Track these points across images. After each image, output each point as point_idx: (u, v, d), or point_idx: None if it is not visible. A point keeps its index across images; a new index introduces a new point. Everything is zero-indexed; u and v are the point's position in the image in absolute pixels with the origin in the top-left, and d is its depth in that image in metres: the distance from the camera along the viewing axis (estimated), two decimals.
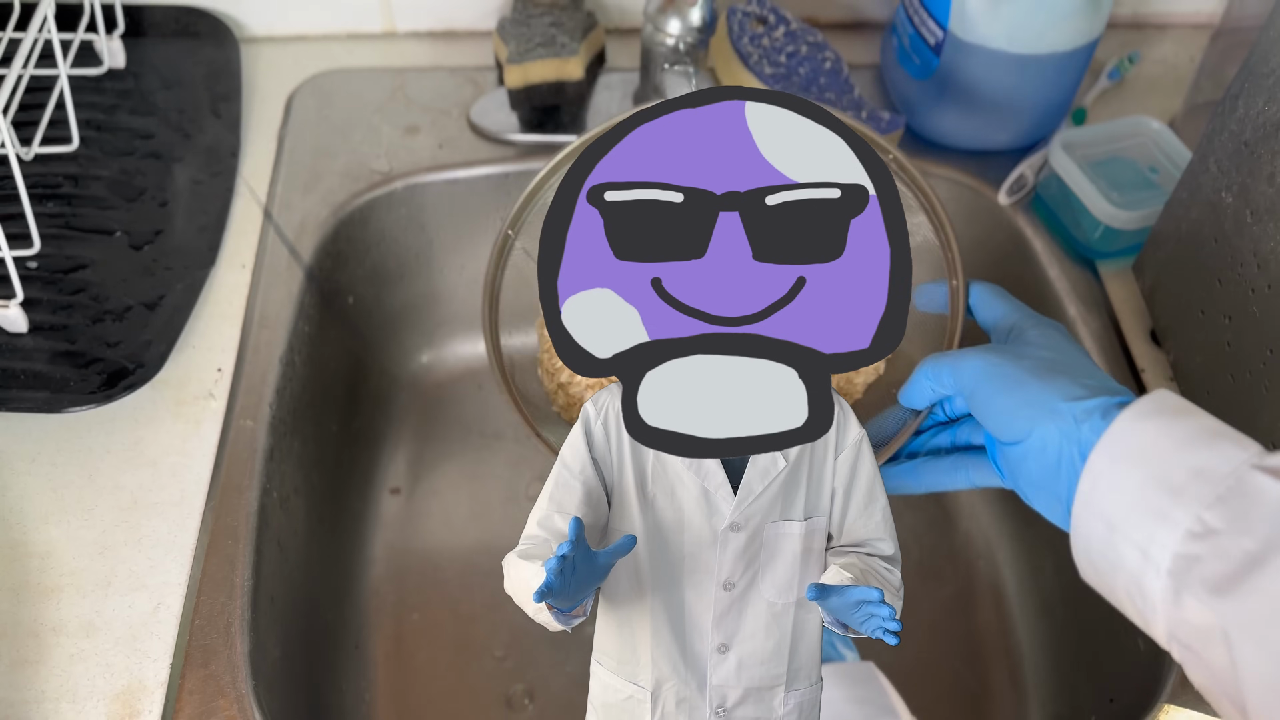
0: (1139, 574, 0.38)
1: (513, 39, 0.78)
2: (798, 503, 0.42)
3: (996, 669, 0.75)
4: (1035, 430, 0.42)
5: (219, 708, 0.54)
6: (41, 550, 0.59)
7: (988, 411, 0.44)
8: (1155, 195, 0.73)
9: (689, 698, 0.42)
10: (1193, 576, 0.36)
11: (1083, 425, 0.41)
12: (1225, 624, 0.35)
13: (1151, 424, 0.39)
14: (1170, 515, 0.37)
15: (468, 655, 0.74)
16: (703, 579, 0.41)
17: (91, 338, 0.64)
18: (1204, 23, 0.92)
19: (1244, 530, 0.35)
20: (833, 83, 0.79)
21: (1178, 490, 0.37)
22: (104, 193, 0.71)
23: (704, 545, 0.41)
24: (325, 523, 0.73)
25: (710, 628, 0.42)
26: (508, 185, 0.80)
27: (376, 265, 0.80)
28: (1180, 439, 0.38)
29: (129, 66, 0.79)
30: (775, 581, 0.42)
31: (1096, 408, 0.41)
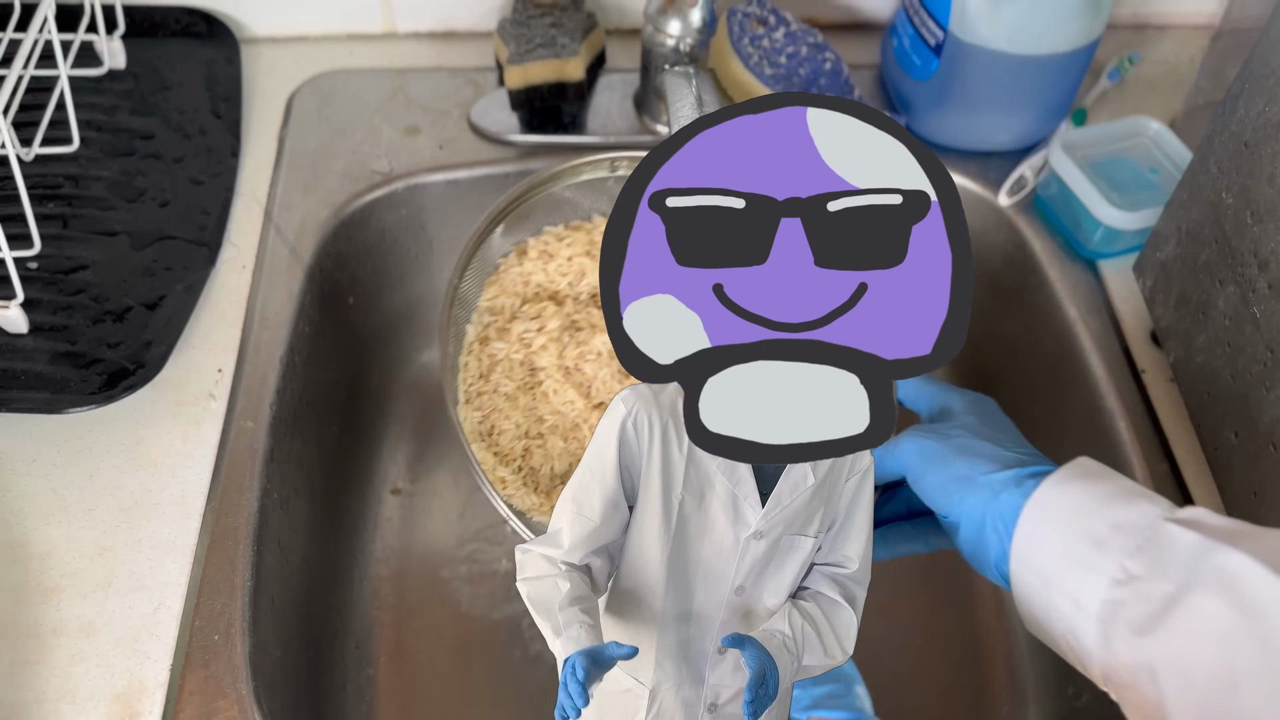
0: (1073, 621, 0.42)
1: (513, 39, 0.78)
2: (816, 518, 0.42)
3: (996, 669, 0.75)
4: (960, 504, 0.47)
5: (219, 708, 0.54)
6: (42, 551, 0.59)
7: (923, 488, 0.49)
8: (1155, 196, 0.73)
9: (685, 694, 0.43)
10: (1119, 620, 0.41)
11: (1000, 496, 0.45)
12: (1151, 661, 0.39)
13: (1075, 486, 0.44)
14: (1096, 565, 0.42)
15: (468, 655, 0.74)
16: (717, 583, 0.42)
17: (92, 338, 0.64)
18: (1204, 23, 0.92)
19: (1161, 575, 0.40)
20: (833, 83, 0.79)
21: (1101, 542, 0.42)
22: (104, 193, 0.71)
23: (724, 551, 0.42)
24: (325, 523, 0.73)
25: (716, 630, 0.43)
26: (508, 186, 0.79)
27: (376, 265, 0.80)
28: (1101, 497, 0.43)
29: (129, 67, 0.79)
30: (776, 588, 0.43)
31: (1011, 479, 0.46)
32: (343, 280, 0.77)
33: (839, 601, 0.43)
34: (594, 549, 0.42)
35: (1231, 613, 0.38)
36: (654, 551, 0.42)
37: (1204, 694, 0.38)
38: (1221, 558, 0.39)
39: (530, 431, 0.62)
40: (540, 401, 0.63)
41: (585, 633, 0.39)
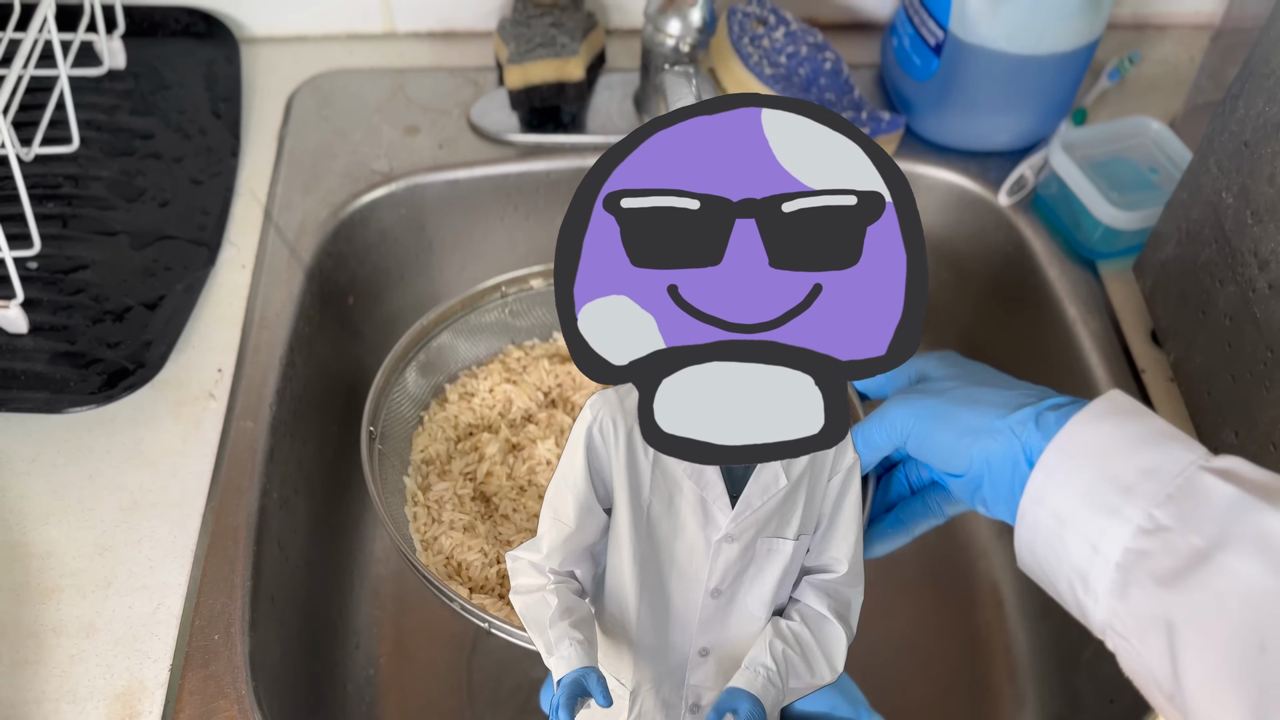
0: (1085, 566, 0.40)
1: (513, 39, 0.78)
2: (793, 520, 0.42)
3: (996, 669, 0.75)
4: (980, 453, 0.44)
5: (219, 708, 0.54)
6: (41, 551, 0.59)
7: (929, 450, 0.45)
8: (1155, 196, 0.73)
9: (666, 696, 0.43)
10: (1141, 570, 0.38)
11: (1021, 434, 0.43)
12: (1170, 615, 0.37)
13: (1105, 424, 0.41)
14: (1121, 511, 0.39)
15: (468, 655, 0.74)
16: (691, 585, 0.42)
17: (92, 338, 0.64)
18: (1204, 23, 0.92)
19: (1192, 528, 0.38)
20: (833, 83, 0.79)
21: (1129, 488, 0.39)
22: (104, 193, 0.71)
23: (697, 554, 0.42)
24: (325, 523, 0.73)
25: (695, 632, 0.43)
26: (508, 185, 0.80)
27: (376, 265, 0.80)
28: (1131, 439, 0.40)
29: (129, 67, 0.79)
30: (760, 595, 0.43)
31: (1029, 417, 0.43)
32: (342, 280, 0.77)
33: (828, 618, 0.43)
34: (573, 552, 0.42)
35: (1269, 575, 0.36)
36: (627, 554, 0.42)
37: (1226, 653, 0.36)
38: (1261, 517, 0.37)
39: (499, 557, 0.60)
40: (501, 524, 0.62)
41: (576, 651, 0.39)
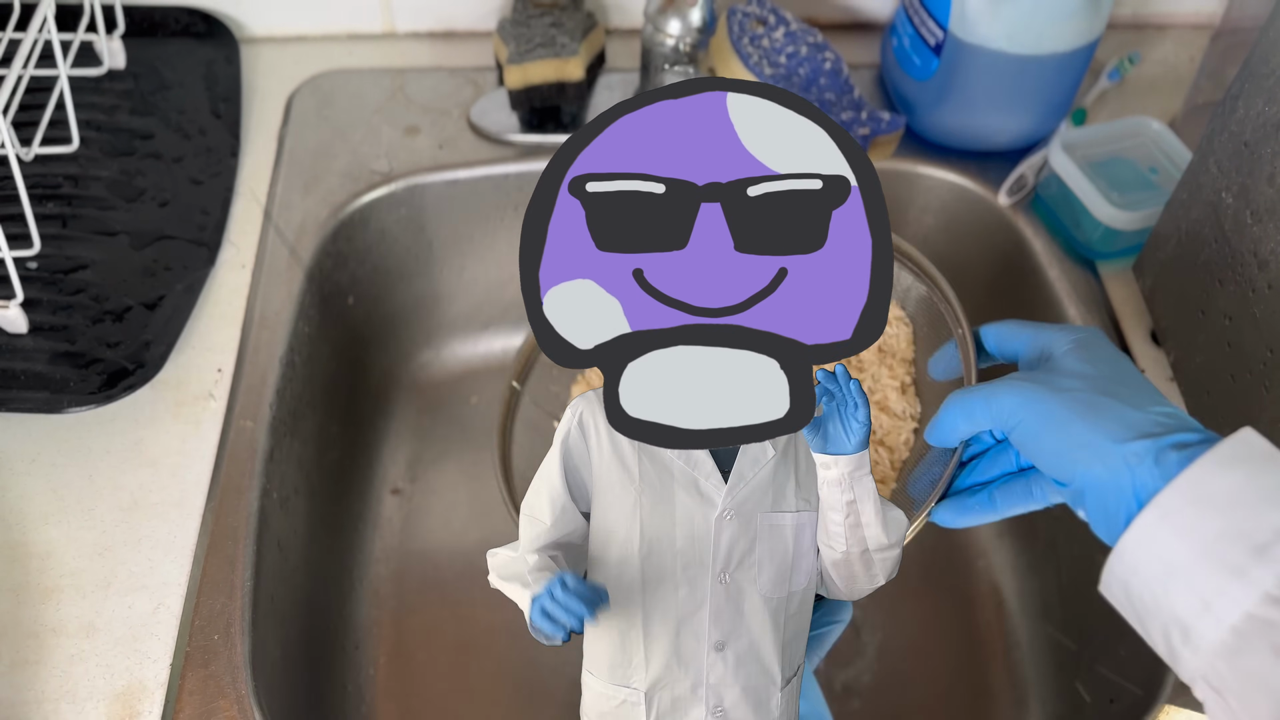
0: (1190, 620, 0.36)
1: (513, 39, 0.78)
2: (788, 493, 0.42)
3: (996, 669, 0.75)
4: (1085, 473, 0.40)
5: (219, 708, 0.54)
6: (41, 551, 0.59)
7: (1033, 451, 0.42)
8: (1155, 196, 0.73)
9: (683, 698, 0.42)
10: (1263, 639, 0.35)
11: (1136, 471, 0.38)
12: None
13: (1237, 472, 0.37)
14: (1249, 573, 0.35)
15: (468, 655, 0.74)
16: (698, 573, 0.41)
17: (91, 338, 0.64)
18: (1204, 23, 0.92)
19: None
20: (833, 83, 0.79)
21: (1261, 549, 0.35)
22: (104, 193, 0.71)
23: (698, 538, 0.41)
24: (325, 523, 0.73)
25: (707, 624, 0.41)
26: (508, 185, 0.80)
27: (376, 265, 0.80)
28: (1267, 493, 0.36)
29: (129, 67, 0.79)
30: (770, 575, 0.42)
31: (1148, 451, 0.38)
32: (342, 280, 0.77)
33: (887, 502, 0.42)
34: (547, 545, 0.42)
35: None
36: (628, 551, 0.41)
37: None
38: None
39: None
40: None
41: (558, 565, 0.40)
